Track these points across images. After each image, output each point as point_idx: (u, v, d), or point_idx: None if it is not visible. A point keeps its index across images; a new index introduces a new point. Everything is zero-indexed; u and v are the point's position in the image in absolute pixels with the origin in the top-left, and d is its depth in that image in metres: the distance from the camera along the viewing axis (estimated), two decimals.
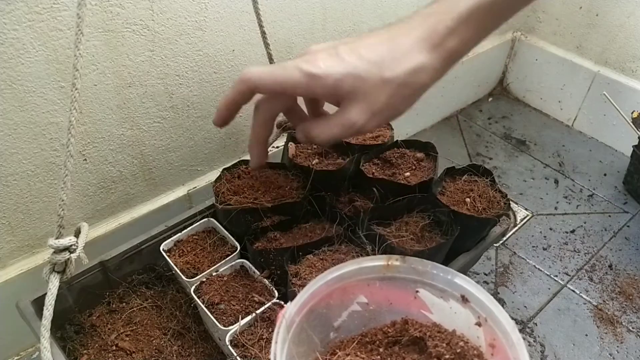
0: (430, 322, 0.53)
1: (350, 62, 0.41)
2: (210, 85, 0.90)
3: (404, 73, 0.41)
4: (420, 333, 0.51)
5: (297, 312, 0.49)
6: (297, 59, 0.44)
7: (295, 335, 0.48)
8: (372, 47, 0.42)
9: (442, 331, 0.51)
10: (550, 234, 1.21)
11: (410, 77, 0.41)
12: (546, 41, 1.52)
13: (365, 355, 0.50)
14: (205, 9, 0.81)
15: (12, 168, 0.74)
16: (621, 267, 1.13)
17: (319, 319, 0.52)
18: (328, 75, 0.41)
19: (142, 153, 0.89)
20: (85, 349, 0.75)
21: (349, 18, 1.06)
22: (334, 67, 0.41)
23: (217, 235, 0.80)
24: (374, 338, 0.52)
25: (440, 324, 0.52)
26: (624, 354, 0.97)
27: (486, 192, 0.80)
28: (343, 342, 0.52)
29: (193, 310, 0.80)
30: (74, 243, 0.63)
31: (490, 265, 1.13)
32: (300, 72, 0.42)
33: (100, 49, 0.73)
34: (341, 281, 0.53)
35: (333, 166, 0.83)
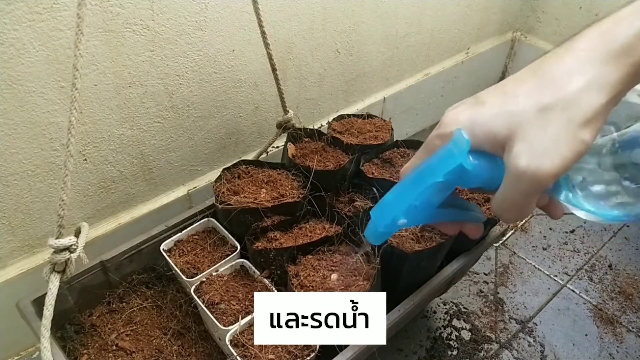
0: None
1: (495, 103, 0.34)
2: (210, 85, 0.90)
3: (569, 94, 0.31)
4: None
5: None
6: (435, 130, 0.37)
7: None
8: (519, 79, 0.35)
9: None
10: (550, 234, 1.21)
11: (580, 97, 0.31)
12: (546, 41, 1.52)
13: None
14: (205, 9, 0.81)
15: (12, 168, 0.74)
16: (621, 267, 1.13)
17: None
18: (474, 124, 0.34)
19: (142, 153, 0.89)
20: (86, 348, 0.75)
21: (349, 18, 1.06)
22: (478, 114, 0.35)
23: (217, 235, 0.80)
24: None
25: None
26: (623, 353, 0.97)
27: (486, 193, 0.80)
28: None
29: (193, 310, 0.80)
30: (74, 243, 0.63)
31: (490, 265, 1.13)
32: (436, 137, 0.36)
33: (100, 49, 0.73)
34: None
35: (333, 166, 0.84)
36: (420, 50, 1.32)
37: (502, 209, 0.35)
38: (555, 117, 0.31)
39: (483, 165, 0.35)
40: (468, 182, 0.36)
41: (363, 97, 1.27)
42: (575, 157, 0.32)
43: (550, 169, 0.31)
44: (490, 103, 0.34)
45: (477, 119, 0.34)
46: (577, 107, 0.31)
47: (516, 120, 0.33)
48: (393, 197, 0.39)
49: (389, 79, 1.30)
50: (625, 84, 0.32)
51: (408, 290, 0.74)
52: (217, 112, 0.95)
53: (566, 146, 0.31)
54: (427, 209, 0.37)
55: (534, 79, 0.33)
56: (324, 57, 1.08)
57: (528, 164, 0.31)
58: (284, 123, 0.89)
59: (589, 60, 0.32)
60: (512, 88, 0.34)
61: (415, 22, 1.23)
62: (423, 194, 0.36)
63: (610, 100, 0.32)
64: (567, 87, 0.32)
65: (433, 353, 0.95)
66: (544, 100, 0.32)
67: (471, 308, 1.04)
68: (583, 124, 0.31)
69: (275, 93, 0.87)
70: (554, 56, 0.34)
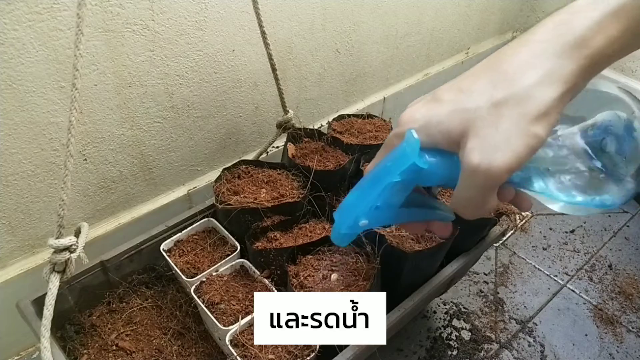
0: None
1: (450, 100, 0.34)
2: (210, 85, 0.90)
3: (521, 89, 0.31)
4: None
5: None
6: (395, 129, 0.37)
7: None
8: (474, 75, 0.34)
9: None
10: (550, 234, 1.21)
11: (533, 91, 0.31)
12: None
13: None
14: (205, 9, 0.81)
15: (12, 168, 0.74)
16: (621, 267, 1.13)
17: None
18: (429, 122, 0.34)
19: (142, 153, 0.89)
20: (86, 348, 0.75)
21: (349, 18, 1.06)
22: (434, 111, 0.34)
23: (217, 235, 0.80)
24: None
25: None
26: (623, 354, 0.97)
27: None
28: None
29: (193, 310, 0.80)
30: (74, 243, 0.63)
31: (490, 265, 1.13)
32: (395, 136, 0.36)
33: (100, 49, 0.73)
34: None
35: (332, 166, 0.83)
36: (420, 50, 1.32)
37: (460, 206, 0.35)
38: (508, 112, 0.31)
39: (440, 164, 0.35)
40: (426, 181, 0.36)
41: (363, 97, 1.27)
42: (529, 151, 0.31)
43: (502, 164, 0.31)
44: (446, 100, 0.34)
45: (432, 117, 0.34)
46: (529, 101, 0.31)
47: (470, 117, 0.32)
48: (353, 198, 0.39)
49: (389, 79, 1.30)
50: (580, 77, 0.31)
51: (408, 290, 0.74)
52: (217, 112, 0.95)
53: (518, 141, 0.31)
54: (389, 209, 0.37)
55: (488, 74, 0.33)
56: (324, 57, 1.08)
57: (480, 160, 0.31)
58: (284, 123, 0.89)
59: (543, 53, 0.31)
60: (467, 84, 0.34)
61: (415, 22, 1.23)
62: (382, 194, 0.36)
63: (564, 94, 0.31)
64: (521, 82, 0.31)
65: (433, 353, 0.95)
66: (497, 95, 0.32)
67: (471, 308, 1.04)
68: (536, 118, 0.31)
69: (275, 93, 0.87)
70: (510, 49, 0.33)
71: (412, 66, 1.34)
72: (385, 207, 0.37)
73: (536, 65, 0.31)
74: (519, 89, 0.31)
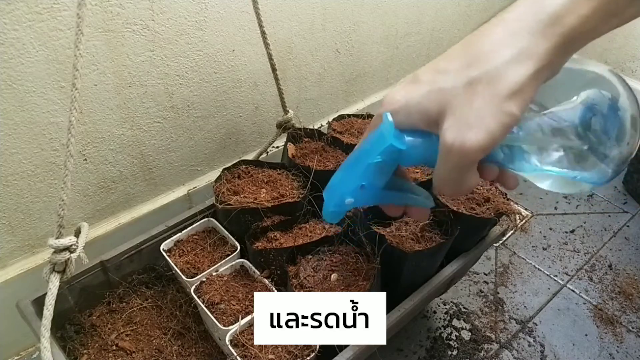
0: None
1: (427, 80, 0.34)
2: (210, 85, 0.90)
3: (494, 67, 0.31)
4: None
5: None
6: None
7: None
8: (451, 55, 0.34)
9: None
10: (550, 233, 1.21)
11: (506, 69, 0.31)
12: None
13: None
14: (205, 9, 0.81)
15: (12, 168, 0.74)
16: (621, 267, 1.13)
17: None
18: (408, 103, 0.35)
19: (142, 153, 0.89)
20: (86, 348, 0.75)
21: (349, 18, 1.06)
22: (412, 92, 0.35)
23: (217, 235, 0.80)
24: None
25: None
26: (623, 354, 0.97)
27: (486, 192, 0.80)
28: None
29: (193, 310, 0.80)
30: (74, 243, 0.63)
31: (490, 265, 1.13)
32: (378, 116, 0.37)
33: (100, 49, 0.73)
34: None
35: (332, 166, 0.83)
36: (420, 50, 1.32)
37: (440, 185, 0.36)
38: (481, 90, 0.31)
39: (420, 144, 0.36)
40: (407, 161, 0.37)
41: (363, 97, 1.27)
42: (502, 129, 0.31)
43: (476, 142, 0.31)
44: (424, 81, 0.35)
45: (411, 98, 0.35)
46: (502, 79, 0.31)
47: (446, 96, 0.33)
48: (339, 177, 0.41)
49: (389, 79, 1.30)
50: (555, 55, 0.31)
51: (408, 290, 0.74)
52: (217, 112, 0.95)
53: (492, 119, 0.31)
54: (374, 190, 0.39)
55: (464, 53, 0.33)
56: (324, 57, 1.08)
57: (454, 138, 0.32)
58: (284, 123, 0.89)
59: (517, 31, 0.32)
60: (444, 64, 0.34)
61: (415, 22, 1.23)
62: (366, 174, 0.37)
63: (538, 71, 0.31)
64: (494, 60, 0.32)
65: (433, 353, 0.95)
66: (472, 74, 0.32)
67: (471, 308, 1.04)
68: (509, 96, 0.31)
69: (275, 93, 0.87)
70: (485, 29, 0.34)
71: (412, 66, 1.34)
72: (369, 186, 0.38)
73: (510, 43, 0.31)
74: (492, 67, 0.31)
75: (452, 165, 0.33)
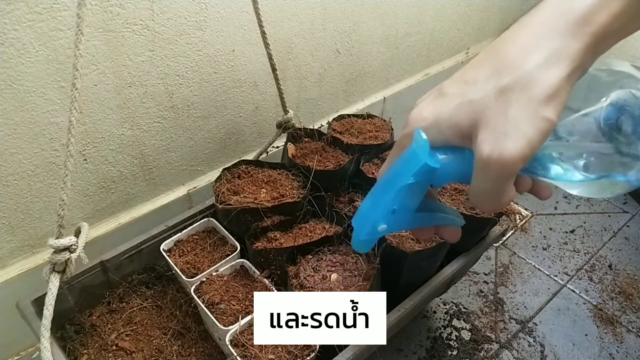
0: None
1: (455, 93, 0.33)
2: (210, 85, 0.90)
3: (526, 73, 0.30)
4: None
5: None
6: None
7: None
8: (477, 65, 0.33)
9: None
10: (550, 233, 1.21)
11: (539, 73, 0.30)
12: None
13: None
14: (205, 9, 0.81)
15: (12, 168, 0.74)
16: (621, 267, 1.13)
17: None
18: (438, 118, 0.33)
19: (142, 153, 0.89)
20: (86, 348, 0.75)
21: (349, 18, 1.06)
22: (441, 107, 0.33)
23: (217, 235, 0.80)
24: None
25: None
26: (623, 354, 0.97)
27: None
28: None
29: (193, 310, 0.80)
30: (74, 243, 0.63)
31: (490, 265, 1.13)
32: (405, 136, 0.35)
33: (100, 49, 0.73)
34: None
35: (332, 166, 0.83)
36: (420, 50, 1.32)
37: (478, 200, 0.34)
38: (515, 97, 0.30)
39: (453, 160, 0.34)
40: (441, 180, 0.36)
41: (363, 97, 1.27)
42: (541, 136, 0.30)
43: (515, 151, 0.30)
44: (452, 94, 0.33)
45: (440, 114, 0.33)
46: (536, 84, 0.30)
47: (477, 108, 0.31)
48: (369, 203, 0.38)
49: (389, 79, 1.30)
50: (586, 55, 0.30)
51: (408, 290, 0.74)
52: (217, 112, 0.95)
53: (529, 126, 0.30)
54: (406, 213, 0.37)
55: (491, 62, 0.32)
56: (324, 57, 1.08)
57: (491, 150, 0.30)
58: (284, 123, 0.89)
59: (546, 33, 0.31)
60: (471, 75, 0.33)
61: (415, 22, 1.23)
62: (398, 197, 0.35)
63: (571, 73, 0.30)
64: (525, 65, 0.30)
65: (433, 353, 0.95)
66: (502, 82, 0.31)
67: (471, 308, 1.04)
68: (544, 101, 0.30)
69: (275, 93, 0.87)
70: (511, 33, 0.33)
71: (412, 66, 1.34)
72: (401, 210, 0.36)
73: (539, 46, 0.30)
74: (524, 72, 0.30)
75: (490, 179, 0.32)
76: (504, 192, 0.33)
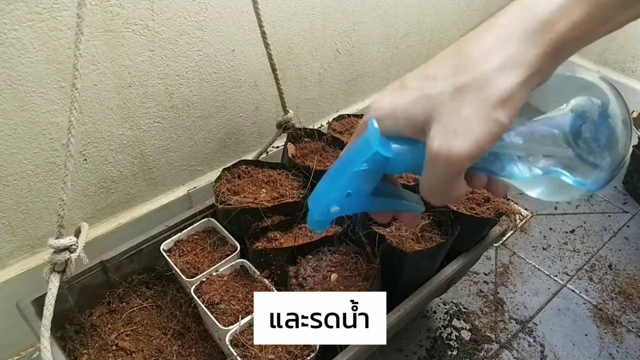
0: None
1: (415, 87, 0.33)
2: (210, 85, 0.90)
3: (483, 74, 0.31)
4: None
5: None
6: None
7: None
8: (439, 61, 0.34)
9: None
10: (550, 233, 1.21)
11: (495, 76, 0.30)
12: None
13: None
14: (205, 9, 0.81)
15: (12, 168, 0.74)
16: (621, 267, 1.13)
17: None
18: (395, 109, 0.34)
19: (142, 153, 0.89)
20: (86, 348, 0.75)
21: (348, 18, 1.06)
22: (399, 99, 0.34)
23: (217, 235, 0.80)
24: None
25: None
26: (623, 354, 0.97)
27: (486, 192, 0.80)
28: None
29: (193, 310, 0.80)
30: (74, 243, 0.63)
31: (490, 265, 1.13)
32: (364, 123, 0.36)
33: (100, 49, 0.73)
34: None
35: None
36: (420, 50, 1.32)
37: (427, 193, 0.35)
38: (469, 97, 0.31)
39: (407, 151, 0.35)
40: (393, 169, 0.36)
41: (363, 97, 1.27)
42: (490, 138, 0.31)
43: (463, 151, 0.30)
44: (411, 87, 0.34)
45: (398, 105, 0.34)
46: (491, 87, 0.30)
47: (433, 103, 0.32)
48: (324, 185, 0.40)
49: (389, 79, 1.30)
50: (545, 62, 0.31)
51: (408, 290, 0.74)
52: (217, 112, 0.95)
53: (479, 127, 0.30)
54: (360, 197, 0.38)
55: (452, 59, 0.33)
56: (324, 57, 1.08)
57: (440, 146, 0.31)
58: (284, 123, 0.89)
59: (507, 37, 0.31)
60: (432, 70, 0.33)
61: (415, 22, 1.23)
62: (351, 182, 0.36)
63: (527, 79, 0.31)
64: (483, 67, 0.31)
65: (433, 353, 0.95)
66: (459, 81, 0.31)
67: (471, 308, 1.04)
68: (497, 104, 0.30)
69: (275, 93, 0.87)
70: (475, 34, 0.33)
71: (412, 66, 1.34)
72: (356, 194, 0.37)
73: (499, 50, 0.31)
74: (481, 74, 0.31)
75: (438, 174, 0.33)
76: (451, 187, 0.34)
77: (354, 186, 0.37)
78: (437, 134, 0.31)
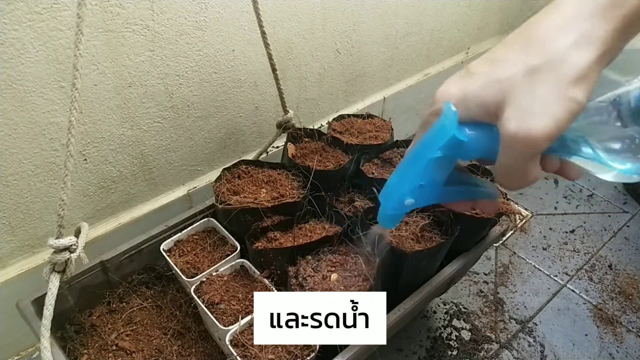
0: None
1: (483, 72, 0.34)
2: (210, 85, 0.90)
3: (556, 54, 0.30)
4: None
5: None
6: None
7: None
8: (507, 45, 0.33)
9: None
10: (550, 233, 1.21)
11: (569, 55, 0.30)
12: None
13: None
14: (205, 9, 0.81)
15: (12, 168, 0.74)
16: (621, 267, 1.13)
17: None
18: (466, 95, 0.34)
19: (142, 153, 0.89)
20: (86, 348, 0.75)
21: (348, 18, 1.06)
22: (469, 85, 0.34)
23: (217, 235, 0.80)
24: None
25: None
26: (623, 353, 0.97)
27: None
28: None
29: (193, 310, 0.80)
30: (74, 243, 0.63)
31: (490, 265, 1.13)
32: (432, 114, 0.36)
33: (100, 49, 0.73)
34: None
35: (332, 166, 0.83)
36: (420, 50, 1.32)
37: (503, 177, 0.35)
38: (544, 78, 0.31)
39: (480, 136, 0.34)
40: (467, 154, 0.36)
41: (363, 97, 1.27)
42: (568, 117, 0.30)
43: (542, 130, 0.30)
44: (480, 72, 0.34)
45: (468, 91, 0.34)
46: (565, 65, 0.30)
47: (504, 86, 0.32)
48: (396, 178, 0.39)
49: (389, 79, 1.30)
50: (617, 38, 0.30)
51: (408, 290, 0.74)
52: (217, 112, 0.95)
53: (556, 106, 0.30)
54: (434, 188, 0.37)
55: (521, 42, 0.33)
56: (324, 57, 1.08)
57: (518, 128, 0.31)
58: (284, 123, 0.89)
59: (576, 16, 0.31)
60: (500, 54, 0.33)
61: (415, 22, 1.23)
62: (425, 172, 0.36)
63: (601, 56, 0.30)
64: (555, 47, 0.31)
65: (433, 353, 0.95)
66: (532, 62, 0.31)
67: (471, 308, 1.04)
68: (573, 82, 0.30)
69: (275, 93, 0.87)
70: (542, 15, 0.33)
71: (412, 66, 1.34)
72: (429, 185, 0.37)
73: (570, 28, 0.31)
74: (554, 53, 0.31)
75: (516, 156, 0.32)
76: (528, 170, 0.33)
77: (427, 176, 0.36)
78: (512, 115, 0.31)
